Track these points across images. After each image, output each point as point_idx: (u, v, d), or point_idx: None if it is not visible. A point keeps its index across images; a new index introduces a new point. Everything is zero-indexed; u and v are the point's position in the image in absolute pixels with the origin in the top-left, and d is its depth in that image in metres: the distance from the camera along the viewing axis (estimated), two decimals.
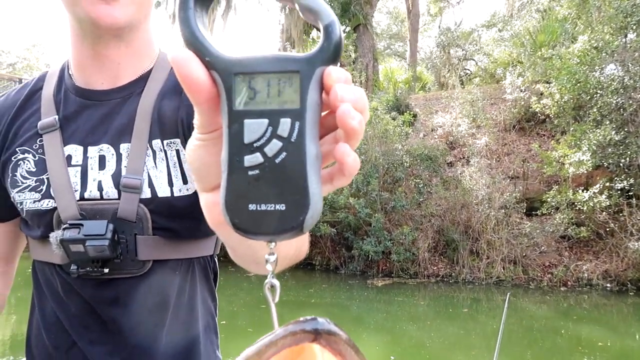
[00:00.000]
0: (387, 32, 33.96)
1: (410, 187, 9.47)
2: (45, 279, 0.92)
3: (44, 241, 0.87)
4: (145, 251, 0.87)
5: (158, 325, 0.90)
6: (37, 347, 0.95)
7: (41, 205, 0.86)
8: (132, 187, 0.85)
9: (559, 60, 9.06)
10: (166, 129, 0.87)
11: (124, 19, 0.80)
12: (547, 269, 8.26)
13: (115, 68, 0.87)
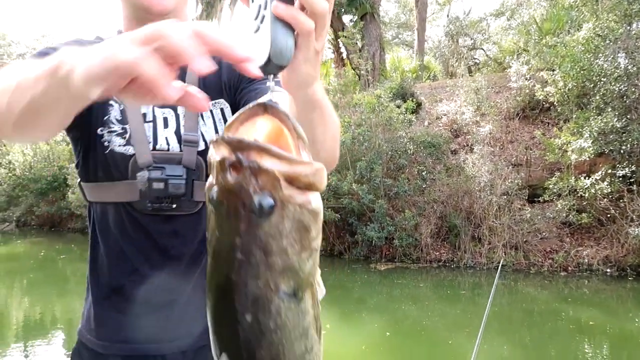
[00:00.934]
0: (395, 22, 33.77)
1: (413, 174, 9.59)
2: (112, 217, 1.07)
3: (116, 184, 1.04)
4: (200, 193, 1.06)
5: (204, 252, 1.09)
6: (100, 276, 1.10)
7: (126, 151, 1.03)
8: (191, 142, 1.06)
9: (563, 48, 9.08)
10: (211, 92, 0.99)
11: (171, 6, 0.98)
12: (548, 255, 8.37)
13: None
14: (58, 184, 13.63)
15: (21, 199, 14.21)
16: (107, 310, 1.09)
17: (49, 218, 14.31)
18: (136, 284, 1.07)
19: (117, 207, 1.06)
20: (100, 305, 1.10)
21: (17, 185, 14.05)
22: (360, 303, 6.82)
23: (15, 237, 13.84)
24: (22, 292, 8.27)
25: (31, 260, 10.74)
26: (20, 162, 14.20)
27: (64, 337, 5.64)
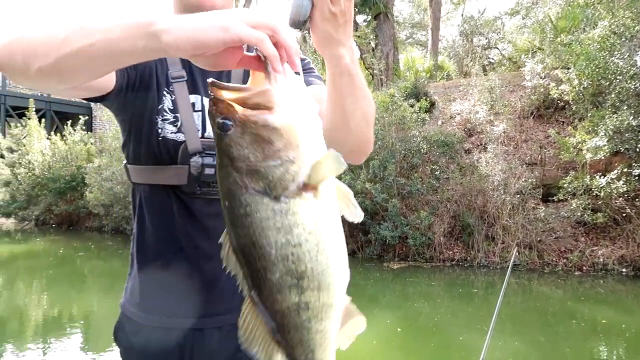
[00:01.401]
0: (410, 21, 33.68)
1: (427, 173, 9.58)
2: (159, 198, 1.14)
3: (166, 168, 1.12)
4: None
5: None
6: (146, 253, 1.18)
7: (177, 138, 1.11)
8: None
9: (578, 46, 9.01)
10: None
11: (220, 4, 1.07)
12: (563, 254, 8.30)
13: None
14: (76, 183, 13.87)
15: (40, 198, 14.45)
16: (151, 285, 1.17)
17: (67, 217, 14.55)
18: (180, 261, 1.14)
19: (165, 189, 1.13)
20: (145, 281, 1.18)
21: (37, 184, 14.30)
22: (373, 301, 6.85)
23: (34, 235, 14.11)
24: (41, 288, 8.44)
25: (50, 257, 10.96)
26: (39, 161, 14.44)
27: (82, 334, 5.76)
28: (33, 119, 15.06)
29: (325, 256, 0.68)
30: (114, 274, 9.53)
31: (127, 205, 11.73)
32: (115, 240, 12.49)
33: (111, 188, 11.98)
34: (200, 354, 1.15)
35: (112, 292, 7.92)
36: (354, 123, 0.93)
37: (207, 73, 1.06)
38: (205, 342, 1.16)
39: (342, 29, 0.81)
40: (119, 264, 10.50)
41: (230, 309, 1.14)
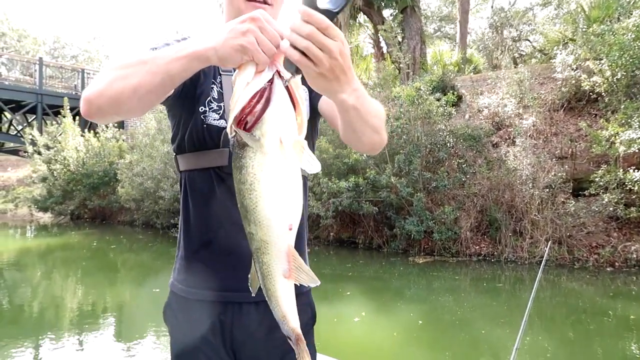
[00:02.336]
0: (438, 15, 33.22)
1: (453, 167, 9.49)
2: (202, 181, 1.26)
3: (210, 152, 1.24)
4: None
5: None
6: (191, 233, 1.29)
7: (219, 124, 1.23)
8: None
9: (612, 36, 8.74)
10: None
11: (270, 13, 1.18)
12: (594, 250, 8.11)
13: None
14: (109, 178, 14.26)
15: (75, 193, 14.91)
16: (195, 262, 1.28)
17: (100, 211, 14.99)
18: (221, 238, 1.25)
19: (207, 172, 1.25)
20: (189, 259, 1.29)
21: (72, 180, 14.75)
22: (397, 294, 6.85)
23: (70, 229, 14.58)
24: (76, 280, 8.74)
25: (84, 250, 11.33)
26: (74, 158, 14.90)
27: (114, 324, 5.93)
28: (68, 117, 15.53)
29: (256, 196, 0.86)
30: (145, 266, 9.82)
31: (157, 200, 12.01)
32: (146, 234, 12.82)
33: (142, 183, 12.27)
34: (239, 328, 1.25)
35: (144, 283, 8.17)
36: (365, 137, 1.08)
37: None
38: (243, 317, 1.26)
39: (335, 82, 0.86)
40: (149, 257, 10.79)
41: None
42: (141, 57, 0.99)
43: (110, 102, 0.99)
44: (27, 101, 19.43)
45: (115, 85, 0.97)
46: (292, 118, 0.87)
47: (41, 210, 15.98)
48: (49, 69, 22.90)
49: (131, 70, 0.97)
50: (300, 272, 0.91)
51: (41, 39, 49.68)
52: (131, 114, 1.09)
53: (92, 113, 1.03)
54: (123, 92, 0.97)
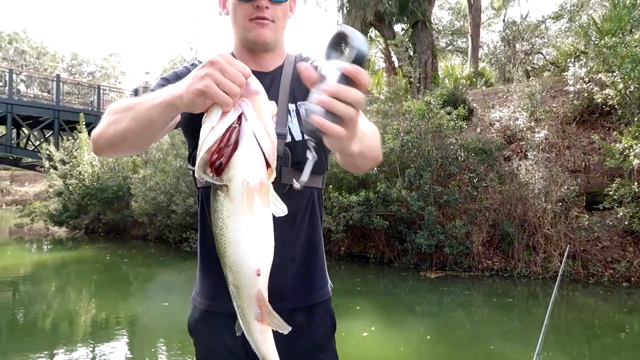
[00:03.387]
0: (449, 29, 33.32)
1: (464, 181, 9.44)
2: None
3: None
4: (286, 177, 1.30)
5: (291, 230, 1.34)
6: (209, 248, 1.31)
7: None
8: (281, 135, 1.29)
9: (624, 49, 8.69)
10: (297, 96, 1.36)
11: (270, 39, 1.32)
12: (609, 265, 7.98)
13: (266, 61, 1.38)
14: (122, 193, 14.42)
15: (90, 208, 15.09)
16: (213, 276, 1.30)
17: (114, 225, 15.14)
18: None
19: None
20: (208, 272, 1.34)
21: (86, 194, 14.94)
22: (407, 309, 6.80)
23: (84, 243, 14.74)
24: (90, 293, 8.82)
25: (97, 263, 11.44)
26: (89, 173, 15.12)
27: (127, 338, 5.97)
28: (83, 132, 15.79)
29: (225, 242, 0.89)
30: (157, 281, 9.88)
31: (169, 214, 12.11)
32: (158, 248, 12.91)
33: (154, 197, 12.39)
34: None
35: (156, 297, 8.21)
36: (366, 167, 1.20)
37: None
38: None
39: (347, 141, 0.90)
40: (161, 271, 10.86)
41: (284, 296, 1.31)
42: (128, 103, 1.09)
43: (109, 144, 1.12)
44: (44, 117, 19.86)
45: (109, 129, 1.09)
46: (259, 161, 0.87)
47: (56, 225, 16.19)
48: (66, 85, 23.40)
49: (119, 116, 1.08)
50: (273, 317, 0.92)
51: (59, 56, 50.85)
52: (133, 151, 1.19)
53: (99, 152, 1.17)
54: (115, 137, 1.09)
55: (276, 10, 1.30)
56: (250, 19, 1.28)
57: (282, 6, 1.32)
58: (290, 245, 1.34)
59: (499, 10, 29.44)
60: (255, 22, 1.28)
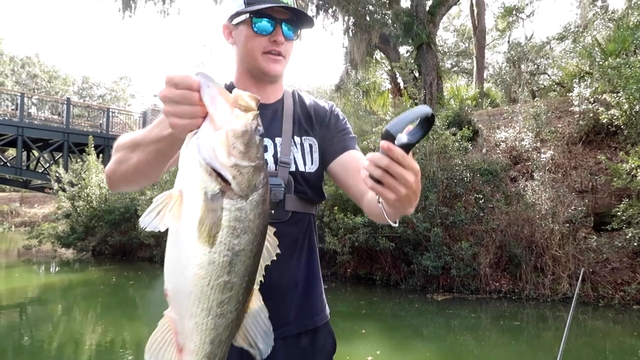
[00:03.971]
0: (455, 50, 33.62)
1: (470, 202, 9.39)
2: None
3: None
4: (289, 204, 1.36)
5: (293, 255, 1.39)
6: None
7: None
8: (285, 163, 1.37)
9: (628, 69, 8.72)
10: (302, 131, 1.45)
11: (280, 72, 1.39)
12: (619, 287, 7.86)
13: (267, 93, 1.44)
14: (129, 214, 14.47)
15: (97, 229, 15.14)
16: None
17: (121, 247, 15.15)
18: None
19: None
20: None
21: (94, 216, 15.01)
22: (414, 332, 6.71)
23: (91, 264, 14.75)
24: (96, 316, 8.80)
25: (102, 286, 11.43)
26: (96, 194, 15.22)
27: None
28: (92, 155, 15.95)
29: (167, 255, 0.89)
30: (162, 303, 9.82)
31: None
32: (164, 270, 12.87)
33: None
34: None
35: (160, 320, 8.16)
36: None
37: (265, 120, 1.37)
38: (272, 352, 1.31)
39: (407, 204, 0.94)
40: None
41: (288, 321, 1.36)
42: (134, 138, 1.14)
43: (123, 179, 1.18)
44: (54, 139, 20.12)
45: (121, 167, 1.16)
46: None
47: (64, 246, 16.24)
48: (76, 108, 23.78)
49: (127, 151, 1.13)
50: None
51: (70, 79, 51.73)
52: (147, 181, 1.23)
53: (114, 187, 1.24)
54: (128, 171, 1.14)
55: (287, 46, 1.38)
56: (264, 51, 1.34)
57: (292, 43, 1.40)
58: (293, 271, 1.38)
59: (503, 31, 29.70)
60: (270, 55, 1.35)
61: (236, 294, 0.87)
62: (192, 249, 0.83)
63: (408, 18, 15.89)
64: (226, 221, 0.83)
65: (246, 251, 0.86)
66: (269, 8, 1.32)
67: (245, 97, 0.88)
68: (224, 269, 0.84)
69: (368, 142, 9.81)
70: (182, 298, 0.87)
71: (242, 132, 0.84)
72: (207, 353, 0.88)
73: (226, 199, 0.83)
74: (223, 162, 0.82)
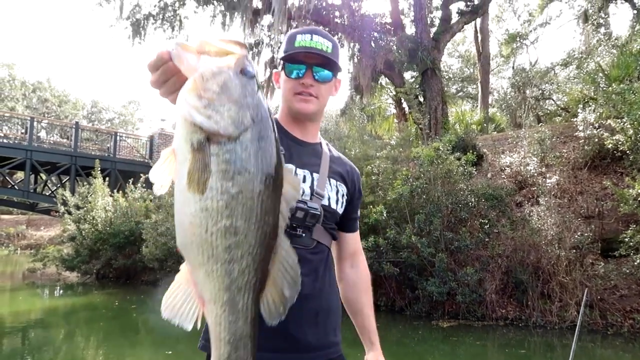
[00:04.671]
0: (460, 75, 33.91)
1: (475, 227, 9.32)
2: None
3: None
4: (316, 233, 1.47)
5: (314, 283, 1.47)
6: None
7: None
8: (320, 195, 1.49)
9: (631, 95, 8.74)
10: (336, 176, 1.59)
11: (312, 111, 1.52)
12: (629, 314, 7.70)
13: (307, 130, 1.60)
14: (134, 238, 14.45)
15: (101, 253, 15.11)
16: None
17: (125, 271, 15.08)
18: None
19: None
20: None
21: (99, 239, 14.99)
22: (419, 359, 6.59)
23: (94, 288, 14.70)
24: (97, 341, 8.72)
25: (104, 310, 11.36)
26: (102, 218, 15.24)
27: None
28: (98, 178, 16.05)
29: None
30: (165, 328, 9.73)
31: (179, 260, 12.01)
32: None
33: (165, 243, 12.41)
34: None
35: (163, 345, 8.09)
36: None
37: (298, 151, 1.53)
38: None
39: None
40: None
41: (308, 347, 1.42)
42: None
43: None
44: (62, 163, 20.31)
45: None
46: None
47: (68, 270, 16.19)
48: (84, 132, 24.08)
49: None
50: None
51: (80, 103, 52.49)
52: None
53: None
54: None
55: (320, 88, 1.50)
56: (295, 92, 1.49)
57: (326, 85, 1.52)
58: (313, 298, 1.45)
59: (508, 57, 29.97)
60: (300, 96, 1.48)
61: (245, 237, 0.85)
62: (184, 200, 0.84)
63: (412, 44, 16.08)
64: (215, 166, 0.82)
65: (246, 192, 0.84)
66: (299, 54, 1.46)
67: (215, 41, 0.86)
68: (220, 214, 0.83)
69: (372, 166, 9.82)
70: (188, 249, 0.88)
71: (211, 73, 0.83)
72: (225, 300, 0.87)
73: (213, 145, 0.82)
74: (195, 106, 0.82)
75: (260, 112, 0.87)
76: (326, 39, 1.48)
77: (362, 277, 1.72)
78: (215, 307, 0.88)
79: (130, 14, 18.10)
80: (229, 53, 0.86)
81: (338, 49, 1.53)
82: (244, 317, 0.89)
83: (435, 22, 18.65)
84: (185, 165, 0.83)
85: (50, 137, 27.55)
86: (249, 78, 0.87)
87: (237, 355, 0.90)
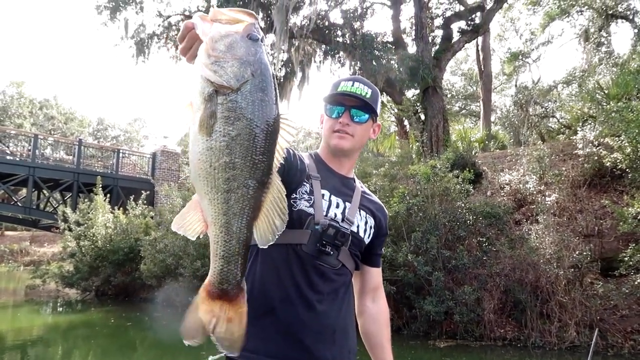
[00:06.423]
0: (462, 93, 34.01)
1: (473, 245, 9.22)
2: (278, 254, 1.51)
3: (295, 230, 1.50)
4: (342, 256, 1.57)
5: (333, 302, 1.55)
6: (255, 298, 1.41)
7: (309, 210, 1.54)
8: (350, 221, 1.61)
9: (629, 113, 8.70)
10: (367, 210, 1.70)
11: (347, 147, 1.66)
12: (629, 335, 7.55)
13: (342, 164, 1.73)
14: (133, 255, 14.40)
15: (101, 269, 15.05)
16: (257, 326, 1.42)
17: (124, 288, 15.01)
18: (286, 307, 1.48)
19: (284, 247, 1.51)
20: (250, 323, 1.39)
21: (98, 256, 14.94)
22: None
23: (93, 305, 14.63)
24: (96, 358, 8.66)
25: (103, 327, 11.28)
26: (102, 234, 15.22)
27: None
28: (99, 195, 16.08)
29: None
30: (162, 346, 9.65)
31: (177, 277, 12.01)
32: (165, 312, 12.70)
33: (163, 260, 12.35)
34: None
35: None
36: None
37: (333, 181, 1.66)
38: None
39: None
40: (165, 336, 10.62)
41: (327, 356, 1.49)
42: None
43: None
44: (64, 179, 20.40)
45: None
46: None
47: (67, 286, 16.13)
48: (88, 149, 24.25)
49: None
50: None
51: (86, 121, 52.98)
52: None
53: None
54: None
55: (356, 128, 1.64)
56: (333, 130, 1.64)
57: (362, 126, 1.66)
58: (332, 317, 1.53)
59: (510, 75, 30.06)
60: (337, 134, 1.64)
61: (241, 171, 1.02)
62: (195, 141, 1.02)
63: (414, 63, 16.13)
64: (220, 113, 1.00)
65: (243, 134, 1.01)
66: (340, 97, 1.64)
67: (226, 11, 1.04)
68: (222, 152, 1.01)
69: (369, 184, 9.79)
70: (196, 181, 1.05)
71: (219, 36, 1.01)
72: (223, 223, 1.05)
73: (220, 96, 1.00)
74: (205, 63, 1.00)
75: (260, 68, 1.03)
76: (366, 86, 1.65)
77: (382, 311, 1.80)
78: (215, 228, 1.05)
79: (134, 33, 18.34)
80: (239, 21, 1.04)
81: (378, 96, 1.68)
82: (236, 238, 1.06)
83: (436, 40, 18.77)
84: (198, 113, 1.02)
85: (56, 154, 27.76)
86: (254, 41, 1.03)
87: (228, 269, 1.07)
